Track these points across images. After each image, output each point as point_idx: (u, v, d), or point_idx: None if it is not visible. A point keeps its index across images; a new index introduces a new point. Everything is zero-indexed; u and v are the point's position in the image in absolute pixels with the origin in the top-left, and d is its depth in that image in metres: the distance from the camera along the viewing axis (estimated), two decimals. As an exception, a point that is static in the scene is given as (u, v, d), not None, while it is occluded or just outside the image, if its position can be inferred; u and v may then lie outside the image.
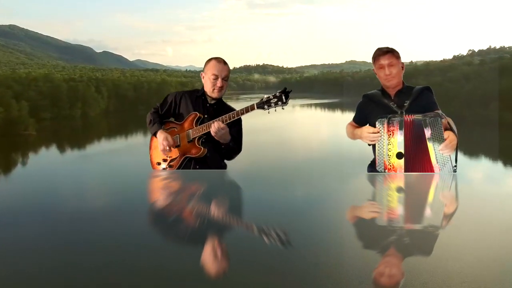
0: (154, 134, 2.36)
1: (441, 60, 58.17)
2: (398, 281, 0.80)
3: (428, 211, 1.34)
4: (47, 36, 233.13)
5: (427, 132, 2.01)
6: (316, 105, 64.24)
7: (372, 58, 2.22)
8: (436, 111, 2.05)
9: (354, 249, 0.97)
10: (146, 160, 2.45)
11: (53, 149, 29.99)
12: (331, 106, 59.94)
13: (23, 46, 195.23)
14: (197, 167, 2.34)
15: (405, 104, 2.11)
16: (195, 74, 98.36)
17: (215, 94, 2.34)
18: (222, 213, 1.35)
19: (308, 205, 1.42)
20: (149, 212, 1.36)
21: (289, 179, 2.13)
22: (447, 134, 2.00)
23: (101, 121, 43.99)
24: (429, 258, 0.91)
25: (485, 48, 63.16)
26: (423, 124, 2.02)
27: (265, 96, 2.16)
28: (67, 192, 1.67)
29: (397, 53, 2.19)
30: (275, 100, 2.14)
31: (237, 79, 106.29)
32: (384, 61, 2.15)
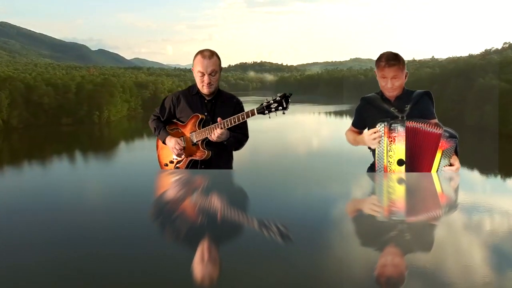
0: (164, 142, 2.42)
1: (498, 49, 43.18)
2: (403, 271, 0.83)
3: (427, 207, 1.35)
4: (40, 33, 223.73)
5: (444, 144, 2.01)
6: (321, 113, 49.62)
7: (376, 63, 2.16)
8: (433, 119, 2.09)
9: (356, 245, 0.99)
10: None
11: None
12: (340, 115, 45.16)
13: (13, 44, 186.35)
14: (203, 167, 2.38)
15: (406, 109, 2.11)
16: (180, 73, 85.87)
17: (204, 91, 2.35)
18: (222, 210, 1.34)
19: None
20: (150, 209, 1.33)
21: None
22: (454, 160, 2.03)
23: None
24: (429, 253, 0.93)
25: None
26: (443, 136, 2.01)
27: (265, 100, 2.15)
28: None
29: (403, 63, 2.13)
30: (276, 105, 2.13)
31: (229, 78, 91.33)
32: (388, 73, 2.10)
